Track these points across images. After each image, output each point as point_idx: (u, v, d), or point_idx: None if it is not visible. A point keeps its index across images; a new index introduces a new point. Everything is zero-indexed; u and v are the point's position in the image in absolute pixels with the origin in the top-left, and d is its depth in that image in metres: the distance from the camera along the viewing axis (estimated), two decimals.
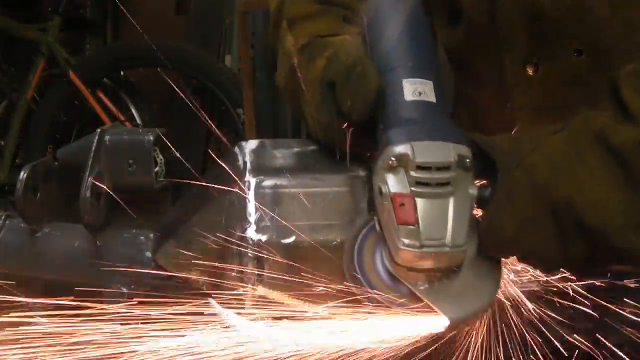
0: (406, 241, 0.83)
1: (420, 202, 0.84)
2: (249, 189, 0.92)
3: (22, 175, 1.00)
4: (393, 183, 0.85)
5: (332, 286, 0.88)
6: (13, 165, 4.29)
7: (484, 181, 0.90)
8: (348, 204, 0.93)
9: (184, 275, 0.95)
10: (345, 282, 0.89)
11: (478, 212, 0.90)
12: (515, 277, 0.98)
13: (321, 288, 0.88)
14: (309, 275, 0.88)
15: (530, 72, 1.13)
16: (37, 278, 1.03)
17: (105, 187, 1.03)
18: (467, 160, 0.86)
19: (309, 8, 1.07)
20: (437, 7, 1.20)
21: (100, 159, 1.03)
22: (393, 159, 0.85)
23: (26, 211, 1.01)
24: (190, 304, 0.91)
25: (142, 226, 1.05)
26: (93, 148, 1.03)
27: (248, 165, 0.96)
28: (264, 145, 1.03)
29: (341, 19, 1.05)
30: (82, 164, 1.02)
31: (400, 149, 0.85)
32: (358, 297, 0.88)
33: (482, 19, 1.15)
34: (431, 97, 0.90)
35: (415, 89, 0.90)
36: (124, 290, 0.98)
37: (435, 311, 0.85)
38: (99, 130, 1.05)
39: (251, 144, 1.02)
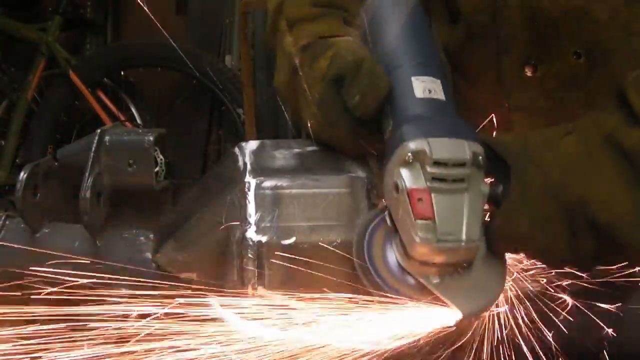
0: (423, 235, 0.84)
1: (436, 198, 0.85)
2: (249, 190, 0.92)
3: (22, 175, 1.00)
4: (409, 178, 0.86)
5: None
6: (13, 165, 4.29)
7: (493, 179, 0.92)
8: (348, 205, 0.93)
9: (184, 276, 0.95)
10: (344, 280, 0.89)
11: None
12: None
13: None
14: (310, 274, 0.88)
15: (528, 73, 1.13)
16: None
17: (105, 187, 1.03)
18: (480, 157, 0.88)
19: (308, 10, 1.07)
20: (436, 6, 1.20)
21: (100, 159, 1.03)
22: (410, 154, 0.86)
23: (26, 211, 1.01)
24: (190, 306, 0.91)
25: (142, 226, 1.05)
26: (93, 148, 1.03)
27: (248, 166, 0.96)
28: (264, 146, 1.03)
29: (341, 21, 1.06)
30: (82, 164, 1.02)
31: (417, 144, 0.86)
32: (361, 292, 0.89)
33: (482, 19, 1.15)
34: (441, 95, 0.92)
35: (425, 87, 0.92)
36: (124, 290, 0.98)
37: (446, 304, 0.86)
38: (99, 130, 1.05)
39: (251, 145, 1.02)
